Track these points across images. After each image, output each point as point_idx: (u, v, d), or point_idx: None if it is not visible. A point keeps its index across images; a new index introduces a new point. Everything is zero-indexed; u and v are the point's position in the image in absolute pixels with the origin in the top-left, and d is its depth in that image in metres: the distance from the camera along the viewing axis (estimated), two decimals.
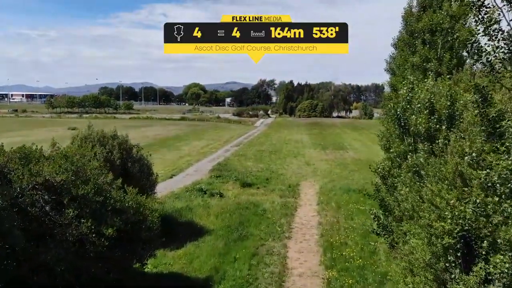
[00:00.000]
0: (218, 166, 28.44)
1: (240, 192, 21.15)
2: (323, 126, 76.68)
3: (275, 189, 21.54)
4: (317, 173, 27.56)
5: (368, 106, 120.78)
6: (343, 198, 19.49)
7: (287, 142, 48.00)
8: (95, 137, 12.59)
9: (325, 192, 20.97)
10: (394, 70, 14.92)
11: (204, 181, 23.21)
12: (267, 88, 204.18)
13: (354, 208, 17.63)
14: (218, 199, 18.97)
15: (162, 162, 30.61)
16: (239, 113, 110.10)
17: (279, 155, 35.95)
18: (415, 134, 8.77)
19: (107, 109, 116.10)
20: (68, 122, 71.36)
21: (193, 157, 33.87)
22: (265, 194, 20.70)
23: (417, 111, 8.50)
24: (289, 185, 22.63)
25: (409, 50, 13.51)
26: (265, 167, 29.11)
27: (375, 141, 48.62)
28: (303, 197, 20.40)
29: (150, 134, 51.66)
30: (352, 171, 28.66)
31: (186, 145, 41.67)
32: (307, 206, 18.43)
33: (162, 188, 21.50)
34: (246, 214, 16.18)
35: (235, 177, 24.26)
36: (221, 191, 20.77)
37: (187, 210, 16.43)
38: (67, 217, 8.43)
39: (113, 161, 12.48)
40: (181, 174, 26.22)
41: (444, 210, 5.96)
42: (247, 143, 45.79)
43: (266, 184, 23.17)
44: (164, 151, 36.46)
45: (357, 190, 21.60)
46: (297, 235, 14.31)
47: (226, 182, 23.30)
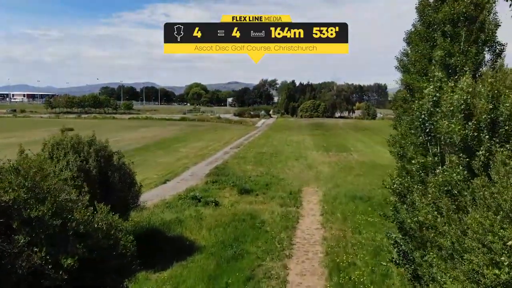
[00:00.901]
0: (216, 170, 26.87)
1: (238, 200, 19.58)
2: (325, 127, 75.04)
3: (275, 197, 19.94)
4: (320, 178, 25.96)
5: (371, 106, 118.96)
6: (349, 208, 17.88)
7: (289, 143, 46.41)
8: (68, 143, 11.03)
9: (329, 200, 19.36)
10: (407, 67, 13.34)
11: (199, 188, 21.63)
12: (268, 88, 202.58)
13: (362, 219, 16.01)
14: (212, 209, 17.38)
15: (157, 165, 29.11)
16: (240, 113, 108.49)
17: (280, 158, 34.35)
18: (445, 143, 7.16)
19: (107, 109, 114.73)
20: (65, 123, 69.84)
21: (191, 159, 32.33)
22: (264, 202, 19.12)
23: (449, 115, 6.89)
24: (290, 192, 21.03)
25: (427, 44, 11.94)
26: (265, 171, 27.53)
27: (380, 142, 46.74)
28: (305, 205, 18.80)
29: (148, 135, 50.15)
30: (357, 175, 27.04)
31: (184, 147, 40.14)
32: (310, 216, 16.83)
33: (153, 196, 20.00)
34: (242, 227, 14.59)
35: (232, 182, 22.68)
36: (216, 199, 19.20)
37: (177, 223, 14.85)
38: (17, 245, 6.86)
39: (88, 170, 10.93)
40: (175, 179, 24.66)
41: (498, 253, 4.38)
42: (247, 145, 44.23)
43: (265, 190, 21.58)
44: (160, 153, 34.93)
45: (364, 198, 20.02)
46: (298, 253, 12.72)
47: (223, 189, 21.73)
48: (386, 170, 27.72)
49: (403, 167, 11.94)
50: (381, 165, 31.73)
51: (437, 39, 11.27)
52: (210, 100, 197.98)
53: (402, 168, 12.10)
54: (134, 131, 55.70)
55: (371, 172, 28.36)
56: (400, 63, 15.50)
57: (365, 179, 25.84)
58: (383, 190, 23.13)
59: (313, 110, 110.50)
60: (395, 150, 12.81)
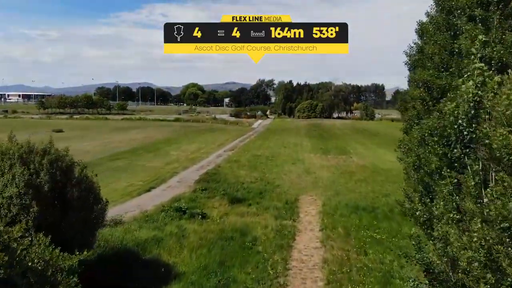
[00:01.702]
0: (206, 176, 24.90)
1: (228, 211, 17.64)
2: (323, 128, 73.19)
3: (269, 207, 18.00)
4: (319, 184, 24.05)
5: (369, 107, 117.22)
6: (351, 221, 15.97)
7: (286, 145, 44.48)
8: (15, 152, 9.05)
9: (329, 212, 17.45)
10: (422, 62, 11.45)
11: (186, 196, 19.66)
12: (266, 88, 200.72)
13: (367, 236, 14.10)
14: (198, 223, 15.42)
15: (143, 170, 27.12)
16: (236, 114, 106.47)
17: (276, 161, 32.42)
18: (491, 158, 5.23)
19: (100, 110, 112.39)
20: (55, 124, 67.74)
21: (181, 163, 30.34)
22: (257, 213, 17.18)
23: (500, 122, 4.97)
24: (286, 201, 19.11)
25: (447, 33, 10.08)
26: (260, 177, 25.59)
27: (379, 144, 44.65)
28: (302, 218, 16.88)
29: (139, 137, 48.08)
30: (359, 181, 25.15)
31: (176, 149, 38.13)
32: (308, 232, 14.89)
33: (134, 206, 18.04)
34: (230, 247, 12.64)
35: (223, 190, 20.73)
36: (204, 210, 17.26)
37: (155, 242, 12.87)
38: None
39: (39, 186, 8.96)
40: (161, 186, 22.67)
41: None
42: (242, 147, 42.28)
43: (259, 199, 19.65)
44: (149, 157, 32.91)
45: (367, 208, 18.14)
46: (295, 281, 10.78)
47: (212, 197, 19.78)
48: (389, 176, 25.75)
49: (421, 181, 10.05)
50: (383, 169, 29.89)
51: (461, 27, 9.38)
52: (207, 100, 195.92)
53: (419, 182, 10.21)
54: (125, 133, 53.63)
55: (373, 178, 26.48)
56: (410, 59, 13.62)
57: (367, 185, 23.97)
58: (387, 199, 21.26)
59: (311, 110, 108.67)
60: (410, 160, 10.90)
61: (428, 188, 9.74)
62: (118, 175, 25.41)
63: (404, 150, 12.33)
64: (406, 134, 13.18)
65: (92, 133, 53.06)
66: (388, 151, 40.72)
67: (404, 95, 18.62)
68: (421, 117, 10.91)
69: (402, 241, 13.78)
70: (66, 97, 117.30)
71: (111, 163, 29.22)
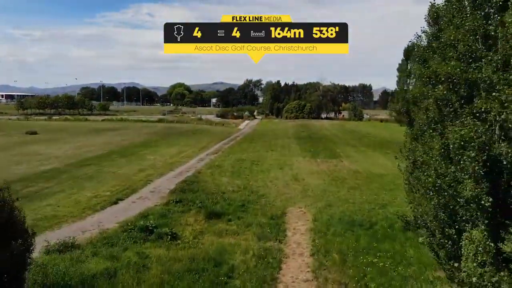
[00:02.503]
0: (183, 185, 22.33)
1: (204, 228, 15.14)
2: (312, 129, 71.11)
3: (252, 224, 15.54)
4: (308, 193, 21.70)
5: (357, 107, 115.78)
6: (347, 241, 13.61)
7: (273, 148, 42.13)
8: None
9: (321, 229, 15.07)
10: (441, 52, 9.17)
11: (156, 211, 17.08)
12: (253, 88, 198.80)
13: (367, 262, 11.75)
14: (166, 246, 12.87)
15: (114, 178, 24.40)
16: (223, 114, 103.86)
17: (262, 166, 30.01)
18: None
19: (82, 111, 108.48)
20: (31, 125, 64.15)
21: (157, 170, 27.67)
22: (237, 232, 14.70)
23: None
24: (271, 216, 16.69)
25: (476, 14, 7.80)
26: (243, 185, 23.15)
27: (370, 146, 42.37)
28: (290, 237, 14.47)
29: (116, 140, 45.09)
30: (352, 189, 22.90)
31: (154, 153, 35.38)
32: (297, 257, 12.47)
33: (93, 224, 15.45)
34: (199, 284, 10.11)
35: (200, 202, 18.20)
36: (175, 228, 14.74)
37: (106, 278, 10.24)
38: None
39: None
40: (131, 197, 20.01)
41: None
42: (226, 150, 39.76)
43: (241, 213, 17.20)
44: (122, 162, 30.13)
45: (364, 224, 15.85)
46: None
47: (187, 211, 17.24)
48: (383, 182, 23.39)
49: (444, 207, 7.72)
50: (376, 175, 27.76)
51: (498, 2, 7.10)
52: (194, 100, 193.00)
53: (441, 207, 7.89)
54: (102, 135, 50.56)
55: (366, 185, 24.28)
56: (421, 51, 11.34)
57: (361, 194, 21.73)
58: (385, 211, 18.96)
59: (299, 111, 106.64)
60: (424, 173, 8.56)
61: (455, 217, 7.43)
62: (84, 184, 22.65)
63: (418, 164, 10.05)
64: (416, 141, 10.90)
65: (67, 135, 49.83)
66: (380, 154, 38.70)
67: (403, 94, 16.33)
68: (440, 121, 8.63)
69: (409, 269, 11.51)
70: (46, 97, 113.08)
71: (79, 170, 26.38)
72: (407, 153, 14.31)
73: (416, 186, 13.33)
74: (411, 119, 14.18)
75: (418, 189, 14.21)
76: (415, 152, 11.74)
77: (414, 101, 13.87)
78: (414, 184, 14.86)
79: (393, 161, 34.53)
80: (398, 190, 23.18)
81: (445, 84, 7.72)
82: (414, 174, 11.49)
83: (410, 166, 14.61)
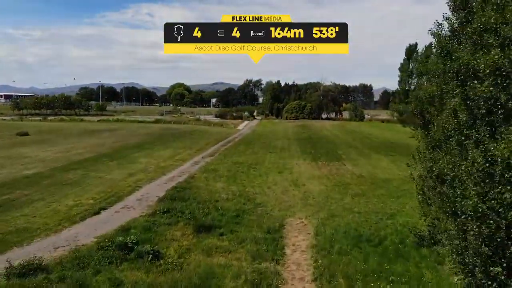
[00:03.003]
0: (173, 192, 20.57)
1: (191, 244, 13.40)
2: (312, 130, 69.36)
3: (246, 239, 13.78)
4: (309, 201, 19.97)
5: (358, 107, 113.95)
6: (354, 261, 11.87)
7: (272, 150, 40.39)
8: None
9: (324, 246, 13.30)
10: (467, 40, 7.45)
11: (140, 223, 15.32)
12: (253, 88, 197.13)
13: None
14: (145, 269, 11.13)
15: (100, 184, 22.67)
16: (221, 115, 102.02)
17: (260, 170, 28.27)
18: None
19: (79, 111, 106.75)
20: (25, 126, 62.41)
21: (148, 174, 25.93)
22: (229, 250, 12.95)
23: None
24: (268, 229, 14.93)
25: None
26: (239, 191, 21.41)
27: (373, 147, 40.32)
28: (289, 255, 12.72)
29: (108, 141, 43.31)
30: (356, 196, 21.16)
31: (146, 156, 33.63)
32: (296, 283, 10.70)
33: (69, 238, 13.78)
34: None
35: (190, 213, 16.47)
36: (159, 244, 13.02)
37: None
38: None
39: None
40: (115, 206, 18.26)
41: None
42: (223, 152, 38.00)
43: (235, 225, 15.46)
44: (112, 166, 28.37)
45: (372, 239, 14.11)
46: None
47: (174, 224, 15.50)
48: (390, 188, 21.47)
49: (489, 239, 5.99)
50: (381, 180, 26.05)
51: None
52: (194, 100, 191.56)
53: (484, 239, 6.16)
54: (95, 136, 48.80)
55: (372, 191, 22.56)
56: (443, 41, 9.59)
57: (366, 202, 20.00)
58: (394, 222, 17.16)
59: (299, 111, 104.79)
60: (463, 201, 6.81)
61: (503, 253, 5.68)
62: (67, 190, 20.91)
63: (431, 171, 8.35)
64: (439, 149, 9.16)
65: (59, 136, 48.07)
66: (383, 157, 36.91)
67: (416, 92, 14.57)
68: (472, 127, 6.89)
69: None
70: (42, 97, 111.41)
71: (63, 175, 24.63)
72: (423, 160, 12.59)
73: (436, 200, 11.54)
74: (426, 121, 12.43)
75: (434, 201, 12.40)
76: (436, 162, 9.98)
77: (430, 101, 12.10)
78: (431, 195, 13.08)
79: (398, 165, 32.99)
80: (406, 197, 21.49)
81: (491, 78, 5.95)
82: (438, 189, 9.71)
83: (426, 175, 12.83)
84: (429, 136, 12.16)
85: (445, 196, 9.15)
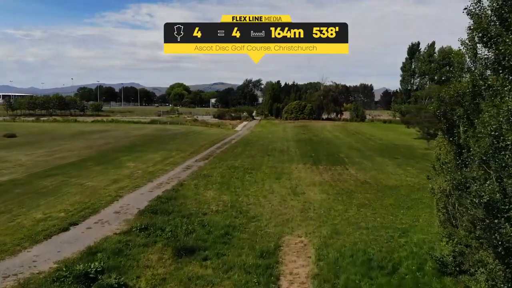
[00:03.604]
0: (157, 203, 18.32)
1: (168, 273, 11.15)
2: (312, 131, 67.11)
3: (234, 266, 11.53)
4: (310, 214, 17.73)
5: (359, 107, 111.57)
6: None
7: (270, 152, 38.16)
8: None
9: (328, 276, 11.03)
10: None
11: (110, 245, 13.04)
12: (253, 88, 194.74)
13: None
14: None
15: (78, 192, 20.44)
16: (220, 115, 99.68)
17: (256, 176, 26.03)
18: None
19: (74, 111, 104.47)
20: (15, 127, 60.20)
21: (133, 181, 23.67)
22: (212, 281, 10.69)
23: None
24: (261, 252, 12.67)
25: None
26: (231, 202, 19.17)
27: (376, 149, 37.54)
28: None
29: (98, 143, 41.05)
30: (362, 207, 18.93)
31: (135, 160, 31.37)
32: None
33: (25, 263, 11.61)
34: None
35: (171, 231, 14.20)
36: (128, 274, 10.77)
37: None
38: None
39: None
40: (88, 221, 15.98)
41: None
42: (218, 155, 35.75)
43: (222, 246, 13.21)
44: (96, 171, 26.11)
45: (384, 265, 11.84)
46: None
47: (151, 245, 13.23)
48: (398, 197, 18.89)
49: None
50: (388, 187, 23.80)
51: None
52: (193, 100, 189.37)
53: None
54: (84, 138, 46.54)
55: (379, 200, 20.34)
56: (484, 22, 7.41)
57: (373, 214, 17.79)
58: (408, 241, 14.84)
59: (299, 111, 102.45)
60: None
61: None
62: (39, 200, 18.67)
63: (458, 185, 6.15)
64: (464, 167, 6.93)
65: (47, 138, 45.78)
66: (388, 160, 34.63)
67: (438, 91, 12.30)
68: None
69: None
70: (36, 97, 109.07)
71: (40, 182, 22.38)
72: (446, 172, 10.36)
73: (468, 224, 9.29)
74: (450, 125, 10.20)
75: (465, 226, 10.16)
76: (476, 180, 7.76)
77: (458, 101, 9.86)
78: (458, 216, 10.78)
79: (404, 169, 30.63)
80: (418, 208, 19.27)
81: None
82: (473, 213, 7.56)
83: (452, 191, 10.55)
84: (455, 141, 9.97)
85: (486, 226, 6.93)
